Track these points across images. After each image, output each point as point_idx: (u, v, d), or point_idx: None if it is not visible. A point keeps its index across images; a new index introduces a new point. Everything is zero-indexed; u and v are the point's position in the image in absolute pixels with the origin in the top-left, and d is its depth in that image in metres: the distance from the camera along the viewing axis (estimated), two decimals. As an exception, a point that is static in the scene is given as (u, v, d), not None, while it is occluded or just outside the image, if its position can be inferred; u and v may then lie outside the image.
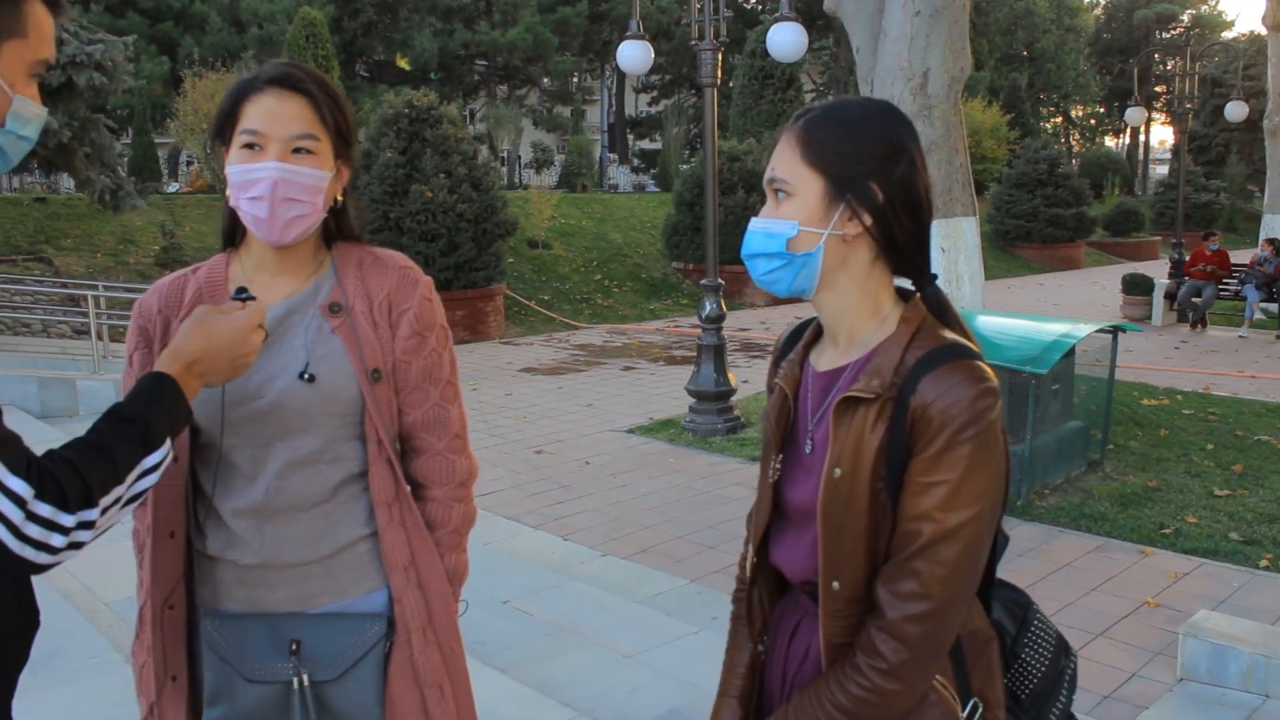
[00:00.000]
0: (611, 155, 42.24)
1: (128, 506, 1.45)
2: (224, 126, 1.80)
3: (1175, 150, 32.55)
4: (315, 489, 1.84)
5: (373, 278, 1.91)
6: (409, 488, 1.95)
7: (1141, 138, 58.74)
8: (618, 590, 5.27)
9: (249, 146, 1.76)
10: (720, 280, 9.19)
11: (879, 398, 1.48)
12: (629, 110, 46.23)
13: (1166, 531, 6.06)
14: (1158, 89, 52.45)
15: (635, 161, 43.22)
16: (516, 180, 33.28)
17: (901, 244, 1.54)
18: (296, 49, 19.97)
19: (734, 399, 9.13)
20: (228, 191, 1.82)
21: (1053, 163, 28.81)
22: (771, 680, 1.71)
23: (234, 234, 1.94)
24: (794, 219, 1.53)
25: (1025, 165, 28.86)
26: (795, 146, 1.54)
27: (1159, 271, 19.06)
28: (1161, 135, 67.45)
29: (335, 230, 1.94)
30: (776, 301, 20.10)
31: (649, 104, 47.00)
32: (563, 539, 6.16)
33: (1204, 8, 58.33)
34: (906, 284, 1.61)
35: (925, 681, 1.48)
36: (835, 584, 1.51)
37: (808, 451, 1.60)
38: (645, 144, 46.56)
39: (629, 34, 9.43)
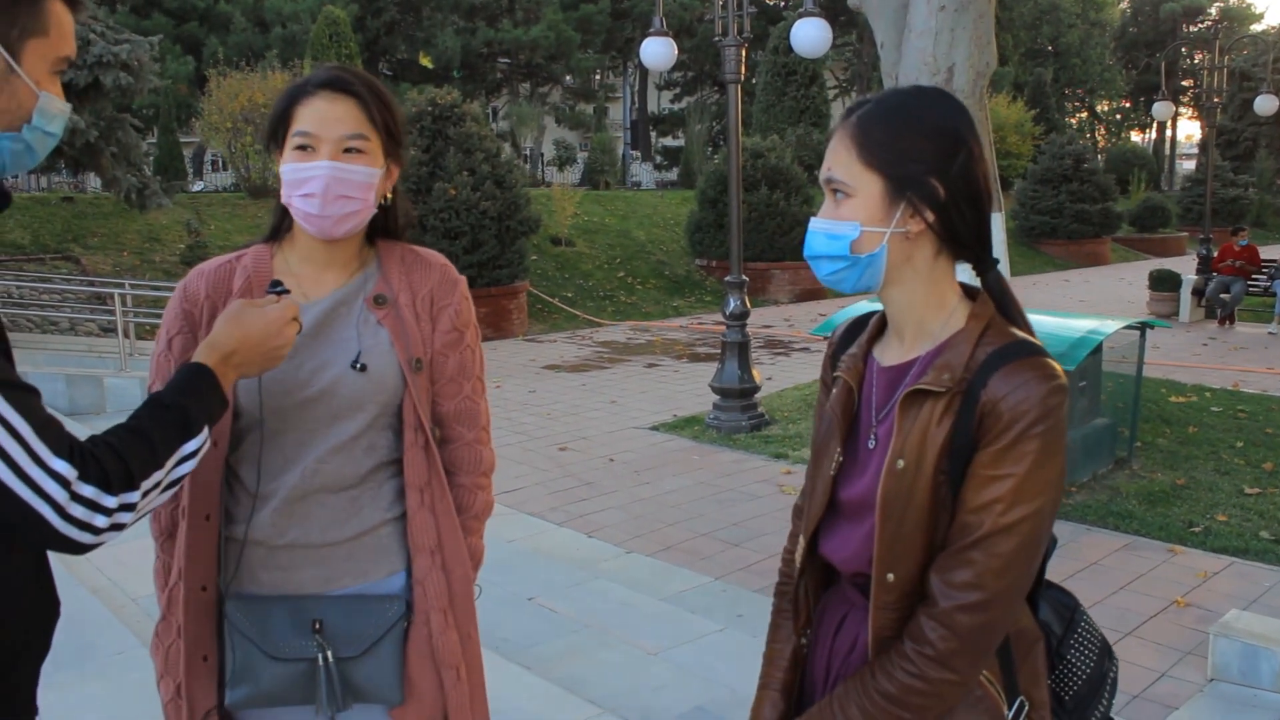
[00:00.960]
0: (634, 152, 42.24)
1: (167, 491, 1.48)
2: (277, 129, 1.88)
3: (1203, 145, 32.24)
4: (348, 473, 1.91)
5: (416, 273, 1.99)
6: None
7: (1168, 132, 58.28)
8: (642, 587, 5.27)
9: (302, 148, 1.83)
10: (744, 277, 9.17)
11: (948, 391, 1.48)
12: (651, 107, 46.20)
13: (1196, 530, 6.01)
14: (1185, 83, 51.95)
15: (658, 159, 43.19)
16: (539, 178, 33.33)
17: (964, 235, 1.53)
18: (320, 48, 20.07)
19: (758, 396, 9.11)
20: (281, 188, 1.89)
21: (1078, 158, 28.62)
22: (815, 673, 1.71)
23: (280, 227, 2.00)
24: (855, 220, 1.52)
25: (1050, 161, 28.69)
26: (850, 146, 1.53)
27: (1186, 267, 18.90)
28: (1189, 130, 66.99)
29: (382, 227, 2.00)
30: (800, 298, 20.06)
31: (671, 101, 46.93)
32: (587, 536, 6.16)
33: (1232, 0, 57.76)
34: (964, 275, 1.61)
35: (973, 674, 1.47)
36: (890, 576, 1.50)
37: (870, 446, 1.59)
38: (668, 141, 46.52)
39: (652, 30, 9.43)
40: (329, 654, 1.87)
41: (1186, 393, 9.63)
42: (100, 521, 1.35)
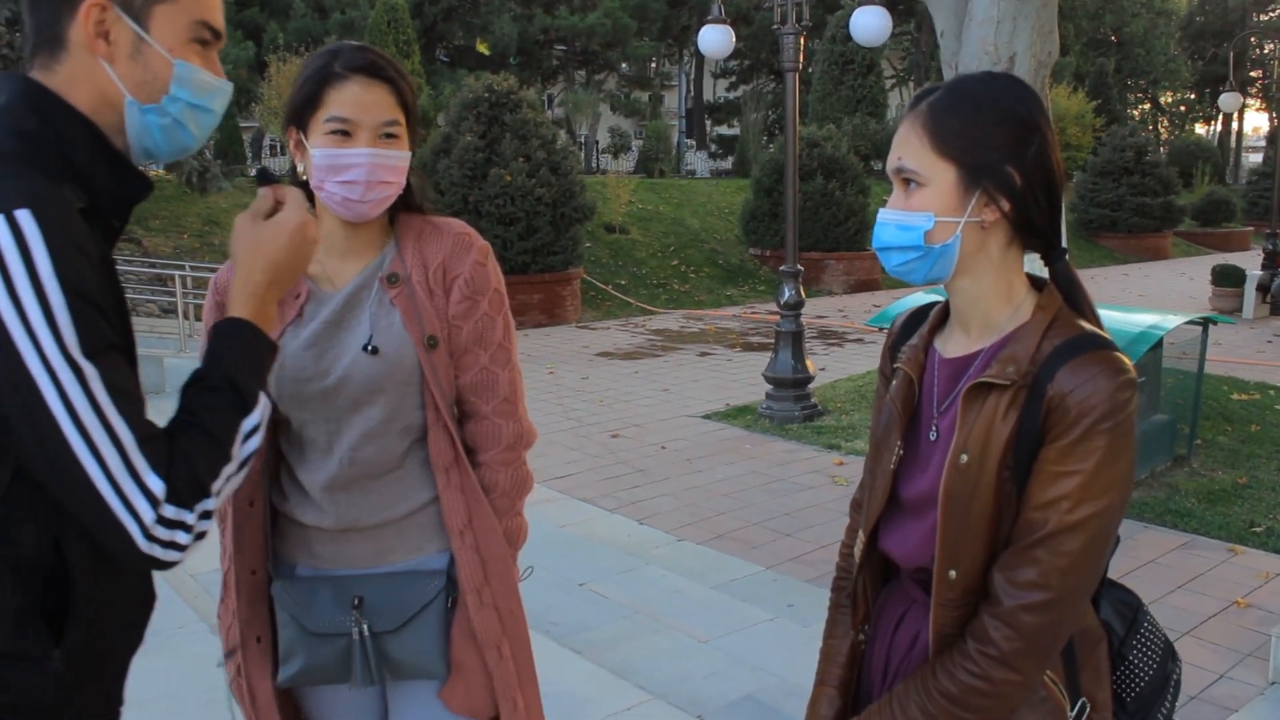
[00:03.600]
0: (689, 141, 42.11)
1: (240, 473, 1.42)
2: (304, 111, 1.84)
3: (1271, 137, 31.54)
4: (386, 458, 1.91)
5: (429, 246, 1.96)
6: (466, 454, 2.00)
7: (1235, 125, 57.04)
8: (693, 575, 5.27)
9: (338, 133, 1.82)
10: (799, 266, 9.13)
11: (1013, 385, 1.45)
12: (707, 95, 45.98)
13: (1257, 530, 5.90)
14: (1253, 74, 50.85)
15: (713, 147, 43.02)
16: (594, 165, 33.33)
17: (1038, 223, 1.51)
18: (378, 34, 20.20)
19: (811, 386, 9.08)
20: (302, 173, 1.88)
21: (1140, 150, 28.07)
22: (873, 669, 1.69)
23: None
24: (928, 210, 1.49)
25: (1111, 153, 28.17)
26: (923, 135, 1.50)
27: (1250, 262, 18.50)
28: (1256, 122, 65.47)
29: (400, 202, 1.98)
30: (855, 288, 19.92)
31: (727, 89, 46.70)
32: (638, 523, 6.17)
33: (1304, -10, 56.32)
34: (1029, 266, 1.58)
35: (1037, 674, 1.45)
36: (952, 572, 1.48)
37: (931, 439, 1.57)
38: (723, 129, 46.31)
39: (710, 18, 9.41)
40: (364, 627, 1.89)
41: (1249, 390, 9.44)
42: (183, 538, 1.30)
